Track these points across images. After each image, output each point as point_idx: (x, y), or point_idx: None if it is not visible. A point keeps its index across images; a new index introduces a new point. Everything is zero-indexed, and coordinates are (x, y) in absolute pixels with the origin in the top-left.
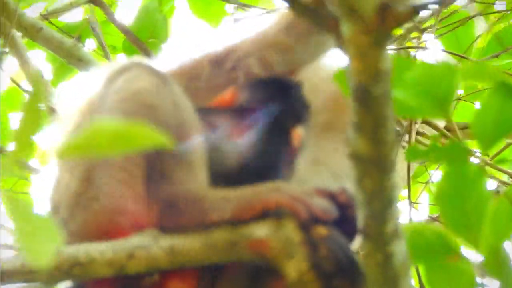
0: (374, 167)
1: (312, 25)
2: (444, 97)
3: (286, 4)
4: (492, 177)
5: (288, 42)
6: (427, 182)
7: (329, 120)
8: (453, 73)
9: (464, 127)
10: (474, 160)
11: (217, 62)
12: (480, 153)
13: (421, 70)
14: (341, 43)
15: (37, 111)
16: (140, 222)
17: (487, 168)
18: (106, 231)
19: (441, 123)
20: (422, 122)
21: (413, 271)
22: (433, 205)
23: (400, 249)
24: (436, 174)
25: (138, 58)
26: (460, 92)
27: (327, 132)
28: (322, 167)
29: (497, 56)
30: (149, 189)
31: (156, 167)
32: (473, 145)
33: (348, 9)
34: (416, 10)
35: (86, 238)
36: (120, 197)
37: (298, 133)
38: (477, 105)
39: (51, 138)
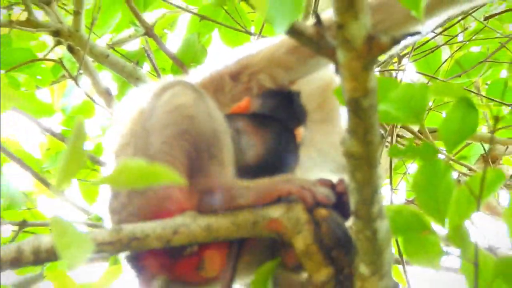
0: (364, 162)
1: (313, 52)
2: (419, 108)
3: (294, 36)
4: (455, 170)
5: (292, 62)
6: (404, 173)
7: (321, 117)
8: (425, 90)
9: (433, 131)
10: (441, 156)
11: (235, 76)
12: (446, 151)
13: (402, 88)
14: (337, 67)
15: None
16: (182, 206)
17: (451, 162)
18: (157, 213)
19: (415, 128)
20: (401, 127)
21: (393, 243)
22: (409, 191)
23: (383, 226)
24: (412, 167)
25: (180, 77)
26: (430, 104)
27: (320, 125)
28: (316, 153)
29: (459, 76)
30: (190, 181)
31: (196, 164)
32: (441, 145)
33: (342, 40)
34: (396, 40)
35: (141, 218)
36: (168, 187)
37: (300, 131)
38: (444, 114)
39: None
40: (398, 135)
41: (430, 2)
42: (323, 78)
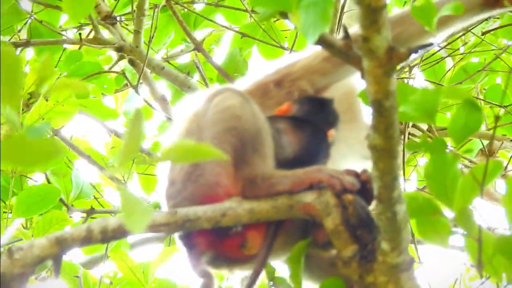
0: (385, 154)
1: (343, 61)
2: (431, 109)
3: (326, 48)
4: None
5: (327, 69)
6: (415, 166)
7: (349, 118)
8: (437, 94)
9: (440, 129)
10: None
11: (279, 83)
12: (452, 146)
13: (418, 92)
14: (362, 73)
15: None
16: (230, 192)
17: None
18: (207, 198)
19: (425, 127)
20: (413, 126)
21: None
22: (420, 181)
23: (402, 209)
24: (422, 160)
25: (228, 85)
26: None
27: (347, 124)
28: (344, 147)
29: (461, 83)
30: (236, 171)
31: (241, 156)
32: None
33: (367, 51)
34: (412, 51)
35: (193, 202)
36: (217, 175)
37: (332, 133)
38: (448, 115)
39: (169, 138)
40: (409, 133)
41: (441, 19)
42: (348, 86)
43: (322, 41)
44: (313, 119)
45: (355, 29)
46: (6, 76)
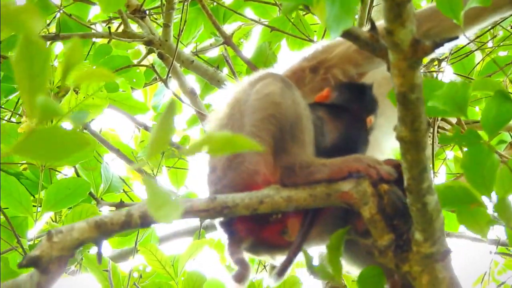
0: (412, 146)
1: (369, 52)
2: (462, 102)
3: (351, 40)
4: None
5: (360, 60)
6: (444, 160)
7: (386, 103)
8: (467, 87)
9: (468, 123)
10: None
11: (314, 70)
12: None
13: (446, 86)
14: (388, 66)
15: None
16: (268, 180)
17: None
18: (246, 185)
19: (453, 121)
20: (442, 120)
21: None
22: (449, 174)
23: (433, 200)
24: (450, 154)
25: (271, 70)
26: None
27: (384, 110)
28: (380, 134)
29: (489, 76)
30: (275, 159)
31: (280, 144)
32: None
33: (392, 43)
34: (437, 44)
35: (233, 189)
36: (256, 164)
37: (371, 120)
38: (477, 108)
39: (211, 122)
40: (439, 127)
41: (471, 13)
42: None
43: (347, 33)
44: (353, 106)
45: (380, 22)
46: (35, 68)
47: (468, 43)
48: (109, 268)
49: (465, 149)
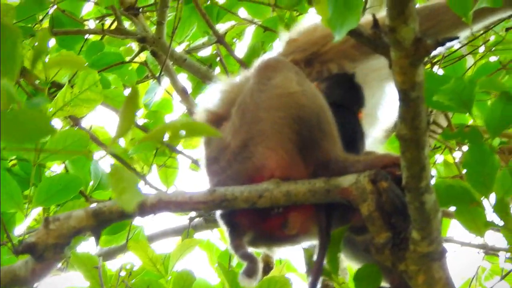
0: (412, 144)
1: (371, 49)
2: (468, 99)
3: (354, 37)
4: None
5: (357, 56)
6: (434, 163)
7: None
8: (473, 84)
9: (465, 126)
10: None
11: (309, 63)
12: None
13: (453, 82)
14: (389, 63)
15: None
16: (271, 174)
17: None
18: (253, 178)
19: (444, 124)
20: (432, 123)
21: None
22: (439, 177)
23: (431, 199)
24: (439, 158)
25: (280, 57)
26: None
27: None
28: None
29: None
30: (305, 155)
31: (308, 140)
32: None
33: (394, 41)
34: (439, 43)
35: (238, 182)
36: (266, 159)
37: (362, 114)
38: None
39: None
40: (430, 130)
41: (475, 12)
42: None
43: (351, 30)
44: (343, 101)
45: (382, 16)
46: (4, 52)
47: (460, 47)
48: (99, 265)
49: (454, 154)
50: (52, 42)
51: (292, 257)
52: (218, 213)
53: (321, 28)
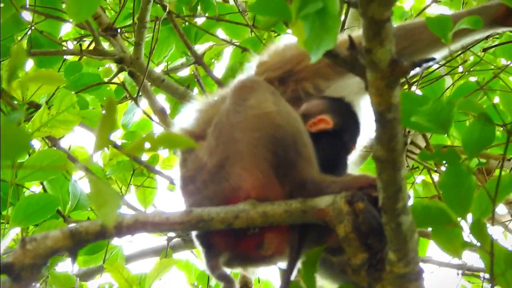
0: (388, 165)
1: (347, 70)
2: (446, 121)
3: (330, 58)
4: None
5: (331, 75)
6: (413, 183)
7: None
8: (452, 106)
9: (443, 147)
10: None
11: (282, 81)
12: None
13: (431, 104)
14: (366, 84)
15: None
16: (248, 195)
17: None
18: (228, 199)
19: (422, 144)
20: (411, 143)
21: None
22: (417, 197)
23: (407, 220)
24: (418, 178)
25: (256, 78)
26: None
27: None
28: None
29: (465, 97)
30: (281, 175)
31: (284, 160)
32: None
33: (370, 62)
34: (415, 64)
35: (214, 203)
36: (242, 180)
37: (353, 148)
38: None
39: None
40: (408, 150)
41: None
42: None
43: (327, 51)
44: (344, 136)
45: (358, 35)
46: None
47: (439, 68)
48: (76, 285)
49: (433, 174)
50: (30, 63)
51: (271, 277)
52: (194, 233)
53: (295, 46)
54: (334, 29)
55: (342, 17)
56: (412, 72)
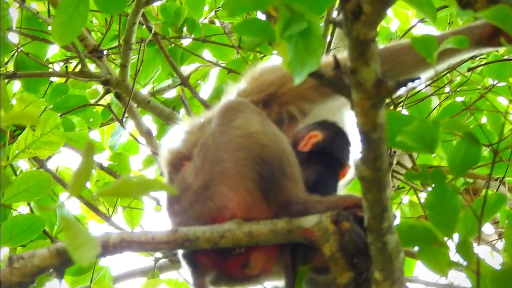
0: (374, 185)
1: (333, 91)
2: (431, 140)
3: (315, 78)
4: None
5: (316, 97)
6: (399, 203)
7: None
8: (437, 126)
9: (429, 167)
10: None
11: (266, 104)
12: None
13: (416, 123)
14: (351, 105)
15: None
16: (233, 215)
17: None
18: (214, 219)
19: (408, 164)
20: (397, 164)
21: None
22: (403, 218)
23: (393, 239)
24: (405, 199)
25: (242, 99)
26: None
27: None
28: None
29: (451, 117)
30: (267, 195)
31: (270, 181)
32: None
33: (355, 82)
34: (400, 85)
35: (199, 221)
36: (227, 200)
37: (343, 171)
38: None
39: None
40: (393, 170)
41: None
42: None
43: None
44: (335, 157)
45: (343, 56)
46: None
47: (425, 87)
48: None
49: (420, 194)
50: (17, 85)
51: None
52: (180, 252)
53: (278, 68)
54: (318, 51)
55: (328, 38)
56: (398, 92)
